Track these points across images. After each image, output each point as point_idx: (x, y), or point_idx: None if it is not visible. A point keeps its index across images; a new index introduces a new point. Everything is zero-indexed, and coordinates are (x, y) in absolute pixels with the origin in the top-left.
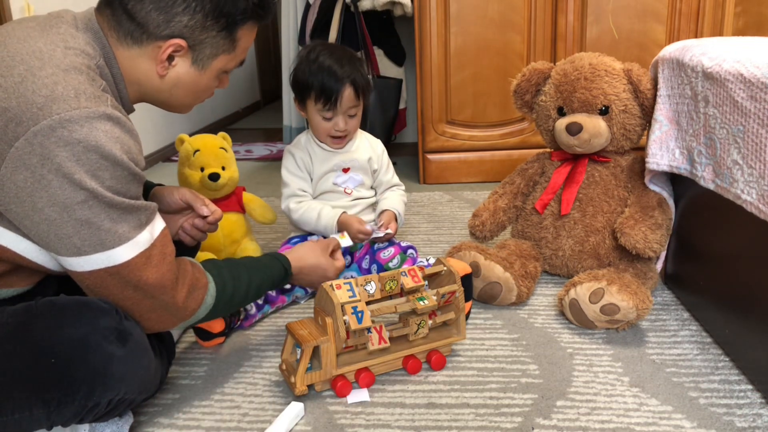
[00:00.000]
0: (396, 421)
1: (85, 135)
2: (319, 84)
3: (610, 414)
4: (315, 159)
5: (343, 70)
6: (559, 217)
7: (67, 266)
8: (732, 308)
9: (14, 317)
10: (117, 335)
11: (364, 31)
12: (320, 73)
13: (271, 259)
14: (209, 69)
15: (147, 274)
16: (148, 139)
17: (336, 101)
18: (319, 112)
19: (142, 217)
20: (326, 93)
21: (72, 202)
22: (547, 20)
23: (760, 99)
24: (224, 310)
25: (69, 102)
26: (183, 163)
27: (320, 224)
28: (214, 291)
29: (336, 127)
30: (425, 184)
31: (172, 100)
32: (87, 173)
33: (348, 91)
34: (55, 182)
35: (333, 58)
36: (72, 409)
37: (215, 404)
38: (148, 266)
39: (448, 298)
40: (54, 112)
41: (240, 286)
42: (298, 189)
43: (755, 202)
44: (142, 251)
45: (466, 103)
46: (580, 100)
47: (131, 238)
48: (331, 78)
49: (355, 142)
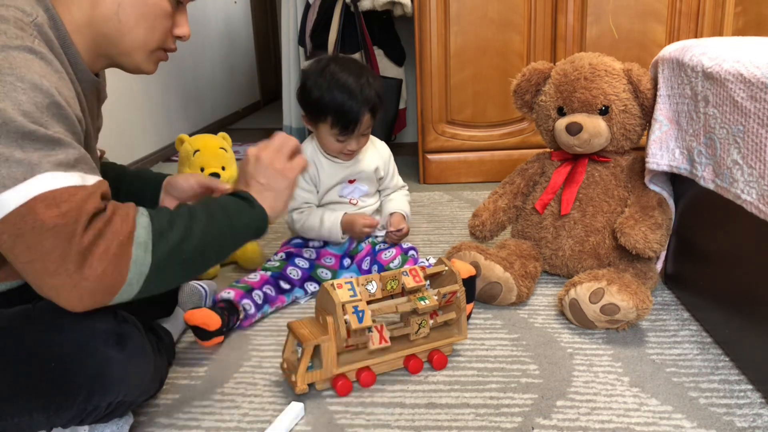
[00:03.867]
0: (396, 421)
1: (1, 60)
2: (338, 109)
3: (610, 414)
4: (322, 172)
5: (362, 95)
6: (559, 217)
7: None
8: (732, 308)
9: (12, 321)
10: (116, 338)
11: (364, 31)
12: (338, 98)
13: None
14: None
15: (48, 213)
16: (148, 139)
17: (354, 130)
18: (333, 135)
19: (69, 157)
20: (344, 120)
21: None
22: (547, 20)
23: (760, 99)
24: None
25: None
26: (183, 163)
27: (324, 229)
28: (148, 223)
29: (348, 147)
30: (425, 184)
31: (123, 32)
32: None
33: (366, 118)
34: None
35: (351, 79)
36: (71, 412)
37: (215, 404)
38: (52, 206)
39: (449, 298)
40: None
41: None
42: (303, 202)
43: (755, 202)
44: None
45: (466, 103)
46: (580, 100)
47: (50, 171)
48: (351, 104)
49: (363, 152)
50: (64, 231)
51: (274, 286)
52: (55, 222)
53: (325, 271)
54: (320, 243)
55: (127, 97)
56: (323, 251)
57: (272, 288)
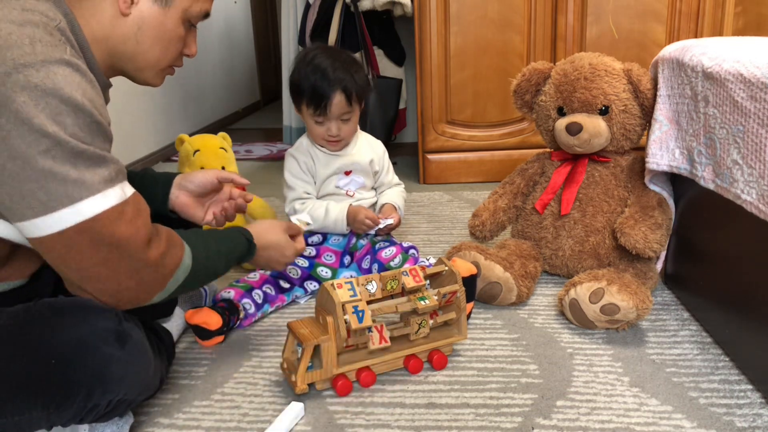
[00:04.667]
0: (396, 421)
1: (42, 78)
2: (310, 89)
3: (610, 414)
4: (317, 162)
5: (334, 75)
6: (559, 217)
7: (37, 234)
8: (732, 308)
9: (13, 319)
10: (116, 336)
11: (364, 31)
12: (311, 78)
13: (233, 231)
14: (173, 6)
15: (120, 228)
16: (148, 139)
17: (326, 107)
18: (311, 116)
19: (112, 171)
20: (316, 99)
21: (34, 152)
22: (547, 20)
23: (760, 99)
24: (201, 278)
25: (23, 48)
26: (183, 163)
27: (329, 219)
28: (190, 252)
29: (329, 132)
30: (425, 184)
31: (138, 51)
32: (48, 118)
33: (338, 98)
34: (14, 132)
35: (327, 62)
36: (71, 410)
37: (215, 404)
38: (120, 221)
39: (449, 298)
40: (8, 59)
41: (211, 253)
42: (303, 192)
43: (755, 202)
44: (114, 205)
45: (466, 103)
46: (580, 100)
47: (101, 191)
48: (322, 83)
49: (356, 145)
50: (126, 247)
51: (274, 285)
52: (118, 238)
53: (325, 269)
54: (319, 239)
55: (127, 97)
56: (323, 248)
57: (272, 287)
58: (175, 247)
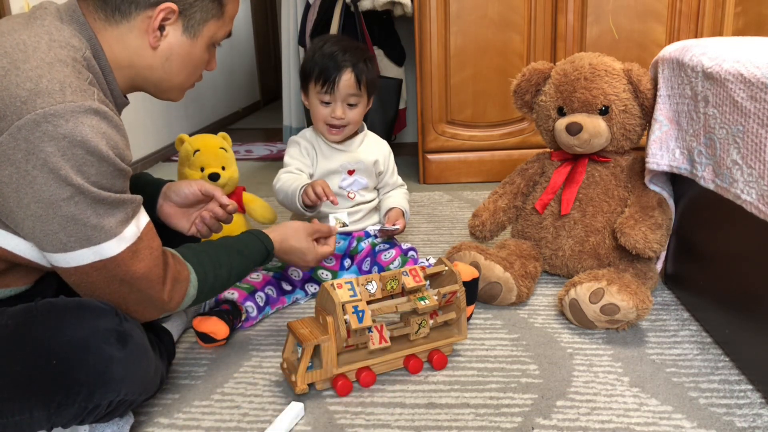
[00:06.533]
0: (396, 421)
1: (71, 130)
2: (320, 66)
3: (610, 414)
4: (320, 153)
5: (345, 56)
6: (559, 217)
7: (53, 262)
8: (732, 308)
9: (14, 319)
10: (117, 337)
11: (364, 31)
12: (323, 57)
13: (253, 239)
14: (201, 36)
15: (135, 267)
16: (148, 139)
17: (334, 84)
18: (318, 95)
19: (128, 211)
20: (325, 74)
21: (58, 199)
22: (547, 20)
23: (760, 99)
24: (207, 297)
25: (54, 96)
26: (183, 163)
27: (291, 188)
28: (196, 282)
29: (333, 113)
30: (425, 184)
31: (165, 78)
32: (73, 169)
33: (348, 75)
34: (40, 178)
35: (341, 44)
36: (72, 410)
37: (215, 404)
38: (135, 260)
39: (449, 298)
40: (38, 106)
41: (221, 272)
42: (296, 168)
43: (755, 202)
44: (129, 246)
45: (466, 103)
46: (580, 100)
47: (118, 234)
48: (332, 61)
49: (362, 143)
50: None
51: (276, 287)
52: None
53: (326, 272)
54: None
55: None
56: None
57: (274, 289)
58: (180, 282)
